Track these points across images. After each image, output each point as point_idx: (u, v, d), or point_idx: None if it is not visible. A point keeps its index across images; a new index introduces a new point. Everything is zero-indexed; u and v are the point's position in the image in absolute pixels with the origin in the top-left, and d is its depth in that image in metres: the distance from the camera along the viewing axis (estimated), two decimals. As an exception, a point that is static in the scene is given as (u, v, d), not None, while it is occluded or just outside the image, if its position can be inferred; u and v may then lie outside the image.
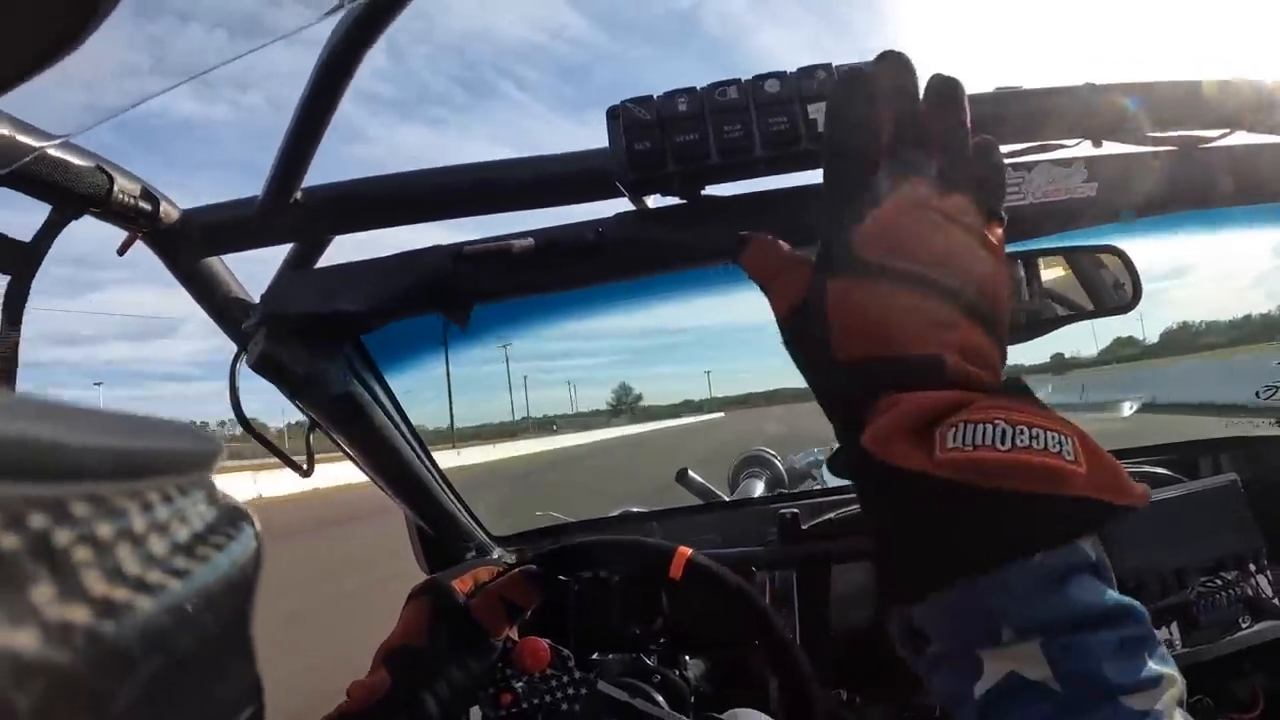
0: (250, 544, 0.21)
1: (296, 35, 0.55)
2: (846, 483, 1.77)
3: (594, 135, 0.78)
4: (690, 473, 1.85)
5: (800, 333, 0.49)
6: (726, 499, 1.85)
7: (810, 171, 0.83)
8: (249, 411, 0.92)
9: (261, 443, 0.91)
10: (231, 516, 0.21)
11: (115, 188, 0.81)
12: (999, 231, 0.48)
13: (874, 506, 0.44)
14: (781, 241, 0.56)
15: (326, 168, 0.90)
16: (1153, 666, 0.36)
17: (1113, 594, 0.38)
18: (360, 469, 1.07)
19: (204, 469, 0.20)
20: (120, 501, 0.16)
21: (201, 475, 0.20)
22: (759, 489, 2.10)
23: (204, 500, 0.20)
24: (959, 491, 0.38)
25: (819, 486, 1.99)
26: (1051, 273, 1.00)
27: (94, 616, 0.14)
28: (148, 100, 0.62)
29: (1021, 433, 0.38)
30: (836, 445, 0.47)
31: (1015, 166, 0.89)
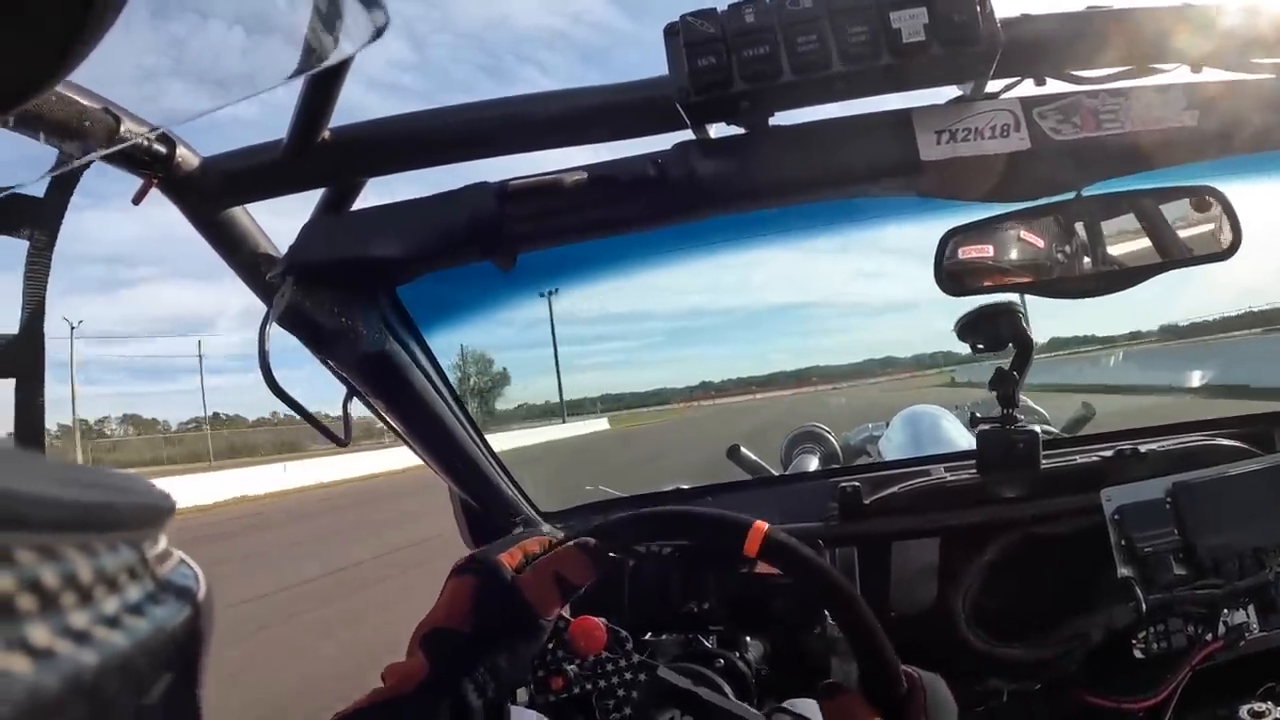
0: (196, 603, 0.21)
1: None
2: (905, 457, 1.72)
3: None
4: (742, 449, 1.77)
5: None
6: (776, 475, 1.78)
7: (887, 95, 0.75)
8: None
9: (295, 409, 0.84)
10: (182, 574, 0.21)
11: (124, 128, 0.75)
12: None
13: None
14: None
15: (353, 109, 0.83)
16: None
17: None
18: (400, 438, 1.01)
19: (156, 525, 0.20)
20: (68, 553, 0.16)
21: (153, 530, 0.20)
22: (813, 465, 2.02)
23: (154, 556, 0.20)
24: None
25: (873, 462, 1.91)
26: (1145, 216, 0.91)
27: (33, 667, 0.14)
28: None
29: None
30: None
31: (1112, 92, 0.81)
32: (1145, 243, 0.92)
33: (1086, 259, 0.89)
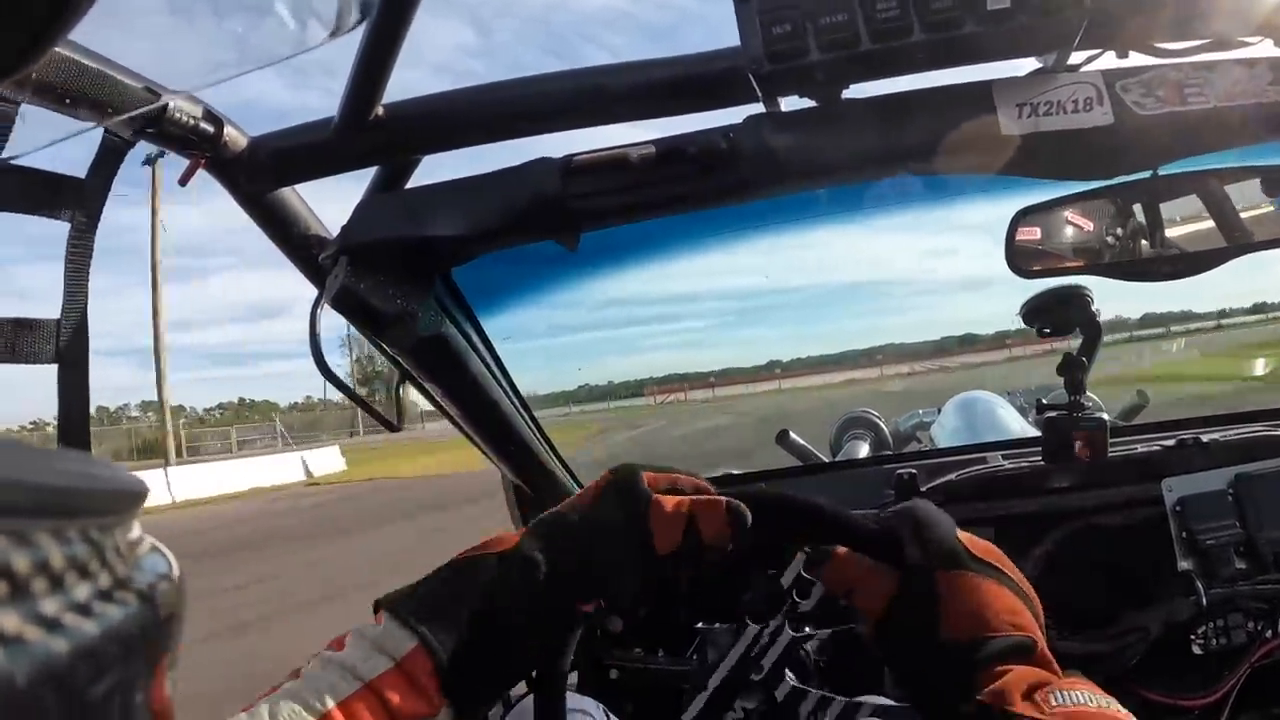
0: (168, 590, 0.21)
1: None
2: (958, 444, 1.69)
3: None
4: (791, 434, 1.75)
5: (897, 621, 0.64)
6: (826, 461, 1.75)
7: (966, 67, 0.72)
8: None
9: (346, 392, 0.83)
10: (154, 561, 0.21)
11: (171, 107, 0.73)
12: None
13: None
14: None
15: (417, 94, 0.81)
16: None
17: None
18: (452, 422, 0.99)
19: (128, 511, 0.20)
20: (40, 538, 0.16)
21: (125, 517, 0.20)
22: (863, 451, 1.98)
23: (126, 542, 0.20)
24: None
25: (926, 449, 1.88)
26: (1222, 196, 0.88)
27: (3, 654, 0.14)
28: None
29: (1102, 700, 0.54)
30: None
31: (1195, 66, 0.77)
32: (1222, 224, 0.88)
33: (1162, 241, 0.86)
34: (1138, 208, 0.86)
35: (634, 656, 1.03)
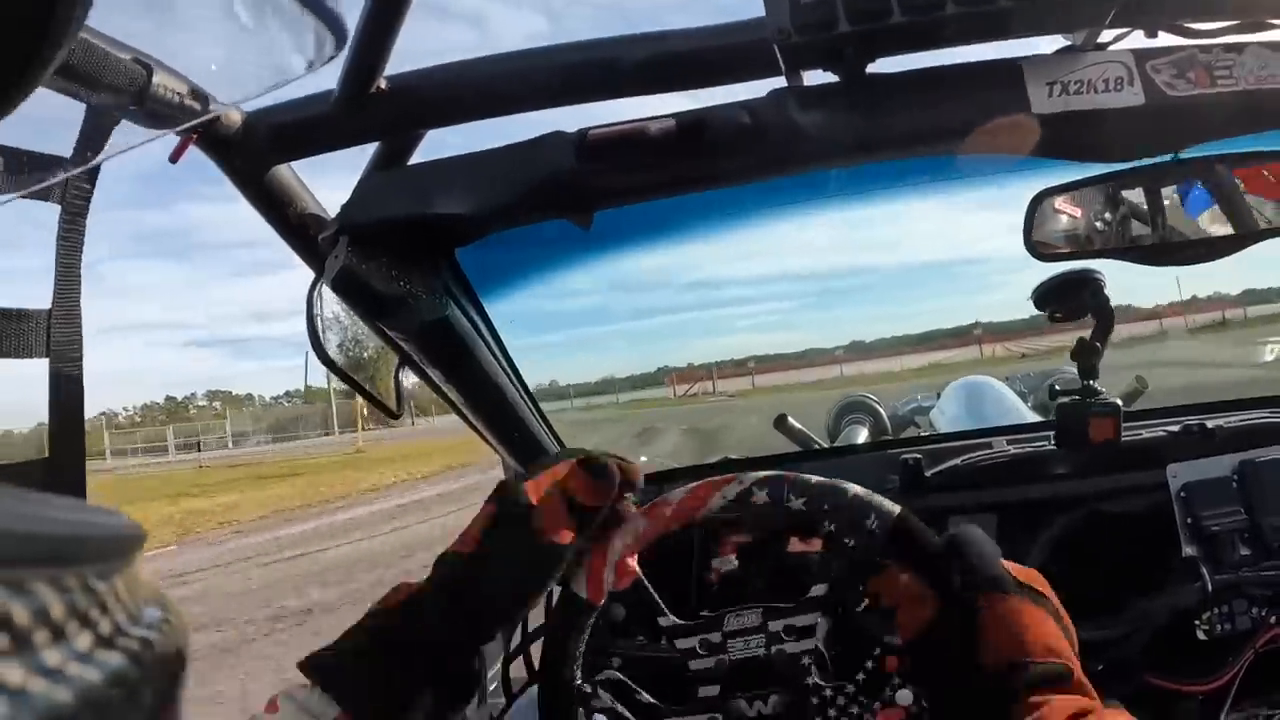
0: (170, 635, 0.20)
1: None
2: (959, 429, 1.68)
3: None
4: (789, 419, 1.73)
5: (934, 644, 0.64)
6: (825, 446, 1.74)
7: (994, 43, 0.70)
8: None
9: (344, 379, 0.80)
10: (155, 606, 0.21)
11: (154, 81, 0.69)
12: None
13: None
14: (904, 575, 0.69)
15: (411, 54, 0.77)
16: None
17: None
18: (453, 408, 0.96)
19: (127, 556, 0.20)
20: (38, 588, 0.16)
21: (124, 562, 0.20)
22: (862, 436, 1.98)
23: (126, 588, 0.19)
24: None
25: (924, 434, 1.87)
26: (1256, 180, 0.86)
27: (7, 707, 0.14)
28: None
29: None
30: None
31: (1225, 48, 0.75)
32: (1239, 209, 0.87)
33: (1183, 225, 0.85)
34: (1158, 191, 0.84)
35: (637, 645, 1.02)
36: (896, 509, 0.70)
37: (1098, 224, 0.85)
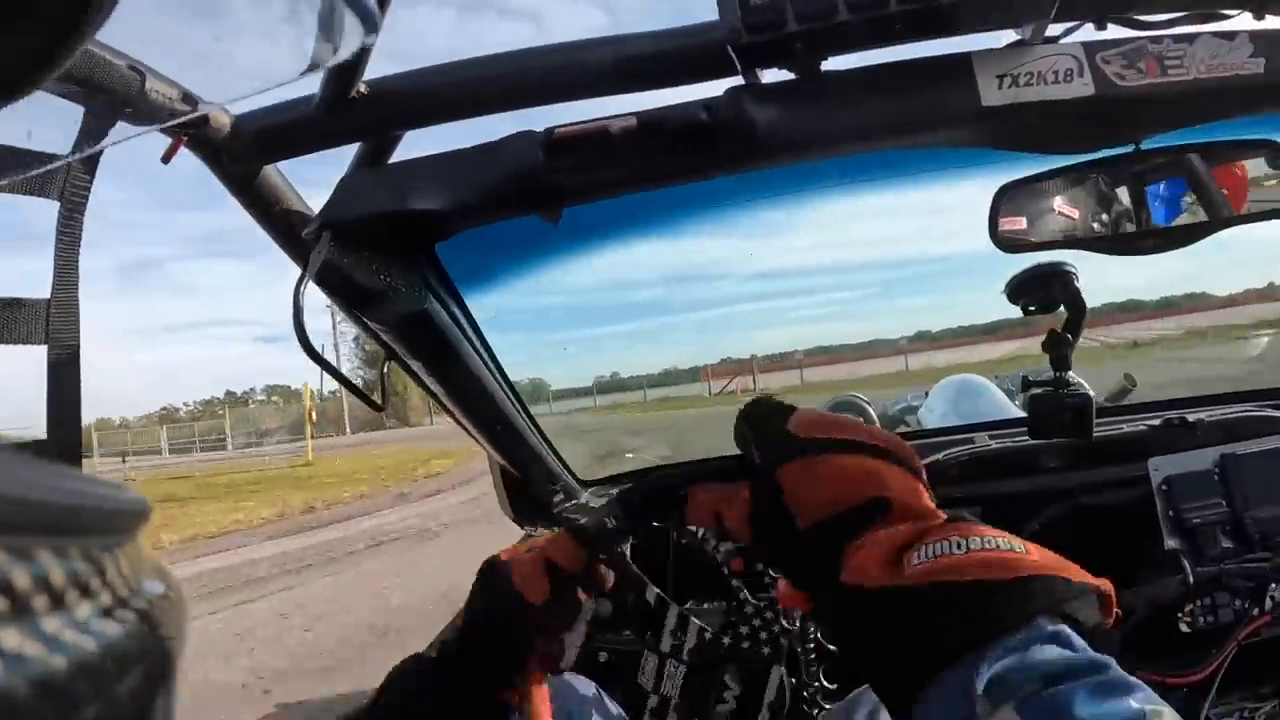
0: (169, 610, 0.21)
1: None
2: (948, 425, 1.69)
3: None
4: None
5: (766, 528, 0.59)
6: None
7: (943, 39, 0.72)
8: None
9: (330, 372, 0.83)
10: (156, 581, 0.21)
11: (148, 86, 0.73)
12: None
13: (861, 634, 0.50)
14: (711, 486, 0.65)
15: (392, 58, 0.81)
16: (1132, 705, 0.39)
17: (1083, 654, 0.42)
18: (438, 403, 0.99)
19: (130, 529, 0.20)
20: (41, 555, 0.16)
21: (127, 535, 0.20)
22: None
23: (128, 562, 0.20)
24: (932, 595, 0.45)
25: (913, 430, 1.88)
26: (1203, 171, 0.88)
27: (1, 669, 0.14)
28: None
29: (974, 541, 0.47)
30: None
31: (1176, 38, 0.77)
32: (1204, 198, 0.89)
33: (1144, 215, 0.86)
34: (1120, 181, 0.86)
35: (624, 639, 1.04)
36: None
37: (1061, 215, 0.86)
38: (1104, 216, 0.87)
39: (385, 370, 0.88)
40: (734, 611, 0.90)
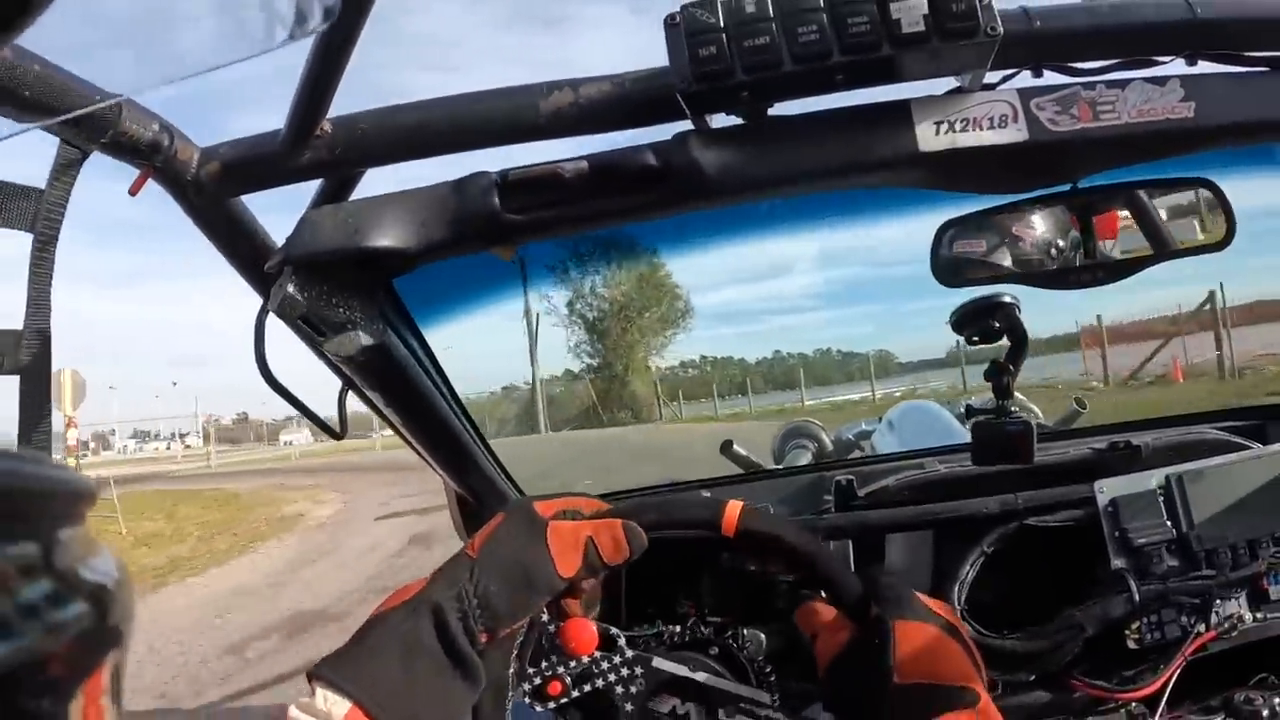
0: (114, 594, 0.20)
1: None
2: (899, 449, 1.73)
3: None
4: (734, 444, 1.78)
5: (851, 667, 0.70)
6: (766, 469, 1.79)
7: (888, 85, 0.75)
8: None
9: (290, 401, 0.84)
10: (102, 564, 0.20)
11: (123, 117, 0.75)
12: None
13: None
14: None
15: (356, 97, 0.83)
16: None
17: None
18: (395, 430, 1.00)
19: (75, 512, 0.20)
20: None
21: (73, 518, 0.19)
22: (805, 459, 2.03)
23: (74, 544, 0.19)
24: None
25: (866, 455, 1.92)
26: (1139, 208, 0.92)
27: None
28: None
29: None
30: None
31: (1109, 84, 0.81)
32: (1139, 234, 0.93)
33: (1082, 250, 0.90)
34: (1058, 218, 0.90)
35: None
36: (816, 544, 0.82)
37: (1001, 250, 0.90)
38: (1043, 251, 0.90)
39: (343, 400, 0.90)
40: (686, 634, 0.92)
